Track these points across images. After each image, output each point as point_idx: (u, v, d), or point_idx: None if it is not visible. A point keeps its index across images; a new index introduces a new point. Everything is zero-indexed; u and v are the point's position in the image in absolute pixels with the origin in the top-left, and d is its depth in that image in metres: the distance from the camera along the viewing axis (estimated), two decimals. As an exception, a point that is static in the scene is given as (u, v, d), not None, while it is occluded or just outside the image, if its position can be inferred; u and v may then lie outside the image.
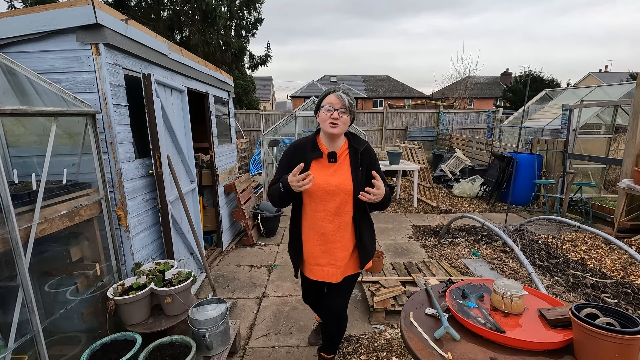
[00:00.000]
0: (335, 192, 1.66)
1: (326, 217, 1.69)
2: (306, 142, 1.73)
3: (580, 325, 1.08)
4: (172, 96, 2.98)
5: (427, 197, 6.74)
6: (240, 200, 4.40)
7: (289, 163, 1.70)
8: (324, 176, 1.66)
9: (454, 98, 21.39)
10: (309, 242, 1.76)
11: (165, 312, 2.12)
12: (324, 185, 1.65)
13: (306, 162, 1.64)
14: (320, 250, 1.74)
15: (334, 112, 1.60)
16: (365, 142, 1.77)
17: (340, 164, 1.70)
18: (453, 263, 3.81)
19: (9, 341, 1.51)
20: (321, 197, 1.67)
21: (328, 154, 1.69)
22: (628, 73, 21.87)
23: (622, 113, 7.28)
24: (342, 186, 1.66)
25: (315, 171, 1.66)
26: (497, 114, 11.08)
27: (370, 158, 1.76)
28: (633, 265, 3.54)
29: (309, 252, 1.78)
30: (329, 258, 1.74)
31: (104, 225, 2.16)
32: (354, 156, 1.70)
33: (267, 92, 31.59)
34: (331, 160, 1.69)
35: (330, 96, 1.62)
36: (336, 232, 1.71)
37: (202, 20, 8.63)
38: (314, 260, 1.77)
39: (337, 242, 1.72)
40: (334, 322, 1.91)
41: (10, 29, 1.99)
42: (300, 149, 1.73)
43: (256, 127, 10.96)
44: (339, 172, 1.68)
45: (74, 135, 2.08)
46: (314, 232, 1.73)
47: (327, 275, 1.76)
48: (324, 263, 1.75)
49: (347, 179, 1.67)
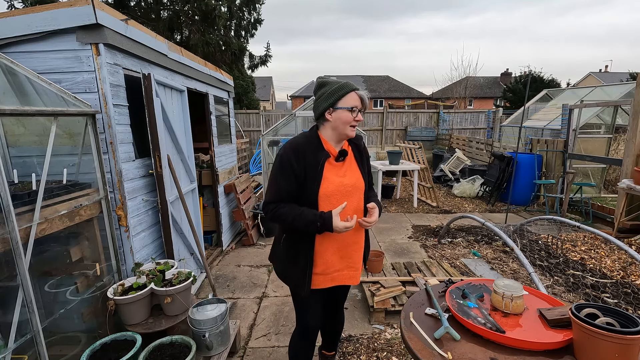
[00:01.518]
0: (352, 191, 1.53)
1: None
2: (307, 142, 1.52)
3: (580, 325, 1.08)
4: (172, 96, 2.98)
5: (427, 197, 6.74)
6: (240, 200, 4.40)
7: (294, 170, 1.47)
8: (338, 177, 1.52)
9: (454, 98, 21.39)
10: (327, 252, 1.56)
11: (165, 312, 2.12)
12: (341, 187, 1.50)
13: (318, 165, 1.48)
14: (339, 257, 1.59)
15: (357, 113, 1.47)
16: (361, 137, 1.68)
17: (348, 162, 1.59)
18: (453, 263, 3.81)
19: (9, 341, 1.51)
20: (339, 200, 1.49)
21: (339, 152, 1.54)
22: (628, 73, 21.86)
23: (622, 113, 7.28)
24: (357, 185, 1.56)
25: (328, 173, 1.50)
26: (497, 114, 11.08)
27: (367, 153, 1.70)
28: (633, 265, 3.54)
29: (327, 263, 1.57)
30: (348, 261, 1.61)
31: (104, 225, 2.16)
32: (358, 152, 1.63)
33: (267, 92, 31.59)
34: (340, 159, 1.55)
35: (352, 95, 1.46)
36: (354, 234, 1.58)
37: (202, 21, 8.64)
38: (332, 268, 1.59)
39: (355, 243, 1.61)
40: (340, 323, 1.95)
41: (10, 29, 1.99)
42: (304, 149, 1.49)
43: (256, 127, 10.96)
44: (349, 171, 1.57)
45: (74, 135, 2.08)
46: (334, 240, 1.55)
47: (347, 278, 1.63)
48: (341, 267, 1.61)
49: (359, 177, 1.58)
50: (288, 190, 1.49)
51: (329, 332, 2.00)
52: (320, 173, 1.47)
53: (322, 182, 1.47)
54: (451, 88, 23.53)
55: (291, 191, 1.49)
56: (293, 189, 1.49)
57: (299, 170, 1.46)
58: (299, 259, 1.55)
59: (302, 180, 1.47)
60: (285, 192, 1.49)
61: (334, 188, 1.48)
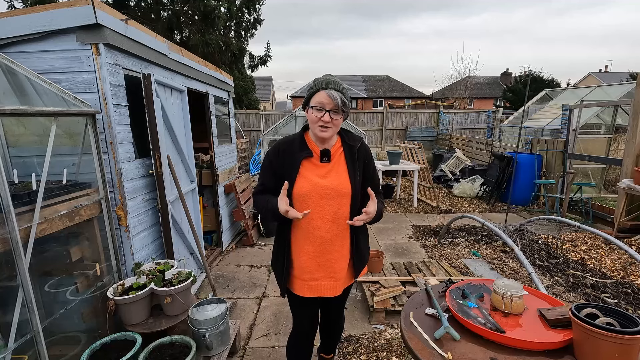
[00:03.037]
0: (332, 195, 1.45)
1: (323, 225, 1.47)
2: (293, 140, 1.51)
3: (580, 325, 1.08)
4: (172, 96, 2.98)
5: (427, 197, 6.74)
6: (240, 200, 4.40)
7: (272, 166, 1.50)
8: (317, 177, 1.46)
9: (454, 98, 21.37)
10: (303, 255, 1.51)
11: (165, 312, 2.12)
12: (318, 188, 1.44)
13: (294, 163, 1.46)
14: (317, 264, 1.51)
15: (324, 113, 1.38)
16: (360, 139, 1.56)
17: (335, 164, 1.50)
18: (453, 263, 3.81)
19: (9, 341, 1.51)
20: (316, 202, 1.44)
21: (321, 152, 1.48)
22: (628, 73, 21.87)
23: (622, 113, 7.28)
24: (339, 189, 1.45)
25: (307, 172, 1.46)
26: (497, 114, 11.07)
27: (366, 156, 1.57)
28: (633, 265, 3.54)
29: (302, 266, 1.52)
30: (327, 271, 1.52)
31: (104, 225, 2.16)
32: (350, 155, 1.51)
33: (267, 92, 31.59)
34: (324, 159, 1.48)
35: (321, 94, 1.38)
36: (334, 241, 1.50)
37: (202, 21, 8.63)
38: (308, 274, 1.53)
39: (335, 252, 1.52)
40: (337, 332, 1.93)
41: (10, 29, 1.99)
42: (285, 147, 1.49)
43: (256, 127, 10.96)
44: (333, 173, 1.48)
45: (74, 135, 2.08)
46: (309, 243, 1.49)
47: (326, 289, 1.54)
48: (320, 277, 1.53)
49: (344, 181, 1.47)
50: (268, 185, 1.53)
51: (326, 336, 1.99)
52: (296, 171, 1.45)
53: (298, 180, 1.44)
54: (451, 88, 23.53)
55: (271, 186, 1.52)
56: (272, 185, 1.51)
57: (277, 167, 1.49)
58: (279, 256, 1.58)
59: (280, 176, 1.48)
60: (266, 186, 1.54)
61: (310, 188, 1.44)
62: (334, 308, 1.80)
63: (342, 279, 1.58)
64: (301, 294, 1.56)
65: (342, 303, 1.81)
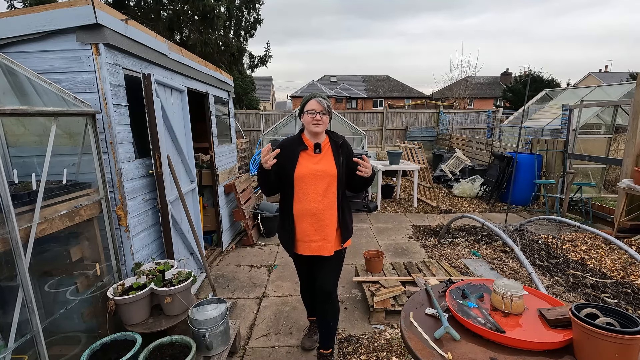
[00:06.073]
0: (323, 176, 1.97)
1: (316, 198, 1.97)
2: (292, 140, 2.04)
3: (580, 325, 1.08)
4: (172, 96, 2.98)
5: (427, 197, 6.74)
6: (240, 200, 4.40)
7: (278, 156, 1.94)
8: (312, 164, 1.98)
9: (454, 98, 21.38)
10: (303, 222, 2.01)
11: (165, 312, 2.12)
12: (312, 171, 1.97)
13: (294, 154, 1.98)
14: (314, 228, 2.01)
15: (316, 114, 1.92)
16: (342, 137, 2.10)
17: (324, 154, 2.02)
18: (453, 263, 3.81)
19: (9, 341, 1.51)
20: (311, 181, 1.97)
21: (314, 145, 2.00)
22: (628, 73, 21.88)
23: (622, 113, 7.28)
24: (328, 171, 1.97)
25: (304, 161, 1.98)
26: (497, 114, 11.07)
27: (348, 149, 2.08)
28: (633, 265, 3.54)
29: (304, 231, 2.02)
30: (321, 234, 2.01)
31: (104, 225, 2.16)
32: (335, 147, 2.03)
33: (267, 92, 31.59)
34: (317, 150, 2.00)
35: (312, 102, 1.95)
36: (325, 211, 2.00)
37: (201, 21, 8.62)
38: (308, 237, 2.03)
39: (326, 219, 2.01)
40: (327, 301, 2.11)
41: (10, 29, 1.99)
42: (288, 144, 2.03)
43: (256, 127, 10.96)
44: (324, 160, 2.00)
45: (74, 135, 2.08)
46: (307, 213, 1.99)
47: (321, 249, 2.02)
48: (317, 239, 2.02)
49: (331, 165, 1.99)
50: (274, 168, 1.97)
51: (319, 320, 2.20)
52: (296, 160, 1.98)
53: (297, 167, 1.97)
54: (451, 88, 23.53)
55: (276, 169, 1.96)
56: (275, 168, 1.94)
57: (281, 157, 1.93)
58: (285, 225, 2.08)
59: (282, 164, 1.96)
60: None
61: (307, 171, 1.97)
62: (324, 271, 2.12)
63: (333, 242, 2.05)
64: (304, 253, 2.06)
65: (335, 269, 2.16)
